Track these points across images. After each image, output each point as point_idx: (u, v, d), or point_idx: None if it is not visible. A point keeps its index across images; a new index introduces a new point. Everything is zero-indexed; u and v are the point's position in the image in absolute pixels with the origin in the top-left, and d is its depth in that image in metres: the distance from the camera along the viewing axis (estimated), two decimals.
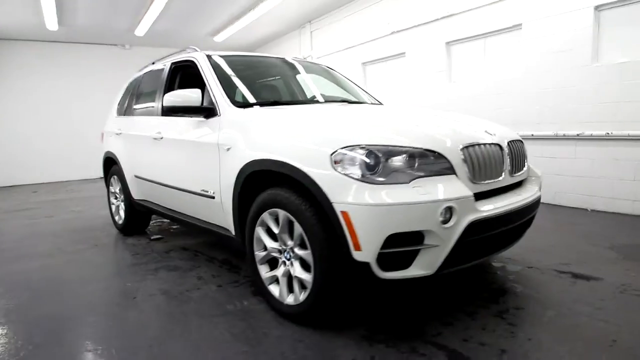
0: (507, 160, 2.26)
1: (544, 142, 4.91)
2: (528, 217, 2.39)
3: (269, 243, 2.30)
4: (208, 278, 2.92)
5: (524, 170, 2.48)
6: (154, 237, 4.11)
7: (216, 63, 3.06)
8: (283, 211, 2.13)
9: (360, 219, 1.81)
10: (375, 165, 1.86)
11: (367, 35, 7.47)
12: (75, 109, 9.81)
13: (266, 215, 2.26)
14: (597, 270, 2.82)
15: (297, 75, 3.68)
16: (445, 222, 1.84)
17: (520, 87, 5.15)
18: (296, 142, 2.10)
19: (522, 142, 2.56)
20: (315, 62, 4.10)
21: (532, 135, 4.94)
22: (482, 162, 2.09)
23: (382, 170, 1.86)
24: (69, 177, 9.77)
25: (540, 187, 2.58)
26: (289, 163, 2.03)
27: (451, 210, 1.85)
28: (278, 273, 2.27)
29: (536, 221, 2.59)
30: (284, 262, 2.24)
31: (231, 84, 2.91)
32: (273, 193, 2.19)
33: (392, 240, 1.81)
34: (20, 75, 9.32)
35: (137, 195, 3.90)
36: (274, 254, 2.30)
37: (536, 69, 4.97)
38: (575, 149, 4.71)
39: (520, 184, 2.47)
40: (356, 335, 2.05)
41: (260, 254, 2.37)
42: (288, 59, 3.64)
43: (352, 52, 7.91)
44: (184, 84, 3.42)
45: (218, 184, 2.62)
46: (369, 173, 1.86)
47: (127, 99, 4.30)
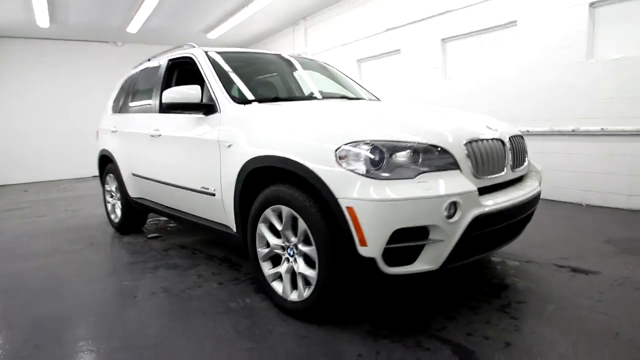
0: (509, 155, 2.28)
1: (539, 138, 4.95)
2: (529, 212, 2.41)
3: (272, 240, 2.29)
4: (208, 276, 2.90)
5: (524, 165, 2.50)
6: (151, 235, 4.08)
7: (215, 59, 3.03)
8: (287, 208, 2.12)
9: (366, 214, 1.80)
10: (380, 161, 1.86)
11: (362, 32, 7.46)
12: (67, 107, 9.68)
13: (269, 212, 2.25)
14: (595, 264, 2.85)
15: (294, 71, 3.67)
16: (450, 217, 1.84)
17: (516, 84, 5.19)
18: (300, 138, 2.09)
19: (523, 137, 2.57)
20: (311, 58, 4.08)
21: (527, 131, 4.96)
22: (485, 157, 2.09)
23: (387, 166, 1.86)
24: (61, 176, 9.64)
25: (540, 182, 2.60)
26: (293, 159, 2.02)
27: (456, 205, 1.85)
28: (281, 270, 2.26)
29: (533, 216, 2.61)
30: (287, 258, 2.24)
31: (230, 80, 2.89)
32: (276, 190, 2.18)
33: (397, 235, 1.81)
34: (10, 73, 9.18)
35: (134, 193, 3.87)
36: (276, 251, 2.29)
37: (531, 65, 5.00)
38: (570, 145, 4.75)
39: (520, 179, 2.49)
40: (361, 331, 2.05)
41: (262, 251, 2.35)
42: (285, 55, 3.63)
43: (346, 49, 7.89)
44: (182, 81, 3.38)
45: (219, 181, 2.60)
46: (374, 169, 1.86)
47: (123, 96, 4.25)
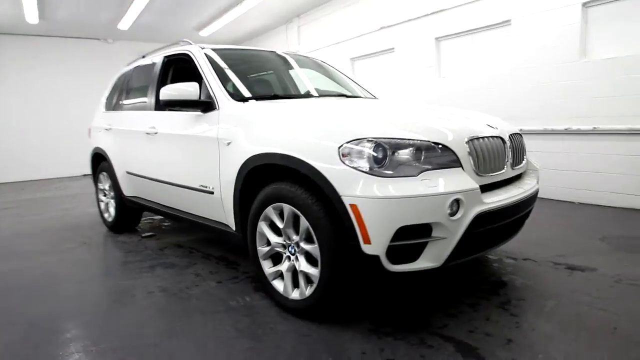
0: (509, 153, 2.29)
1: (532, 137, 4.97)
2: (528, 210, 2.43)
3: (273, 238, 2.28)
4: (206, 275, 2.88)
5: (523, 163, 2.52)
6: (145, 234, 4.04)
7: (211, 56, 3.01)
8: (288, 205, 2.11)
9: (370, 211, 1.80)
10: (383, 159, 1.86)
11: (356, 31, 7.46)
12: (57, 105, 9.53)
13: (270, 210, 2.23)
14: (591, 261, 2.88)
15: (291, 69, 3.65)
16: (452, 215, 1.85)
17: (510, 83, 5.22)
18: (302, 136, 2.07)
19: (522, 135, 2.59)
20: (307, 56, 4.07)
21: (520, 130, 4.96)
22: (486, 155, 2.11)
23: (390, 163, 1.86)
24: (52, 174, 9.50)
25: (538, 180, 2.62)
26: (295, 157, 2.01)
27: (458, 202, 1.86)
28: (282, 268, 2.25)
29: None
30: (288, 256, 2.23)
31: (228, 77, 2.86)
32: (277, 187, 2.17)
33: (401, 233, 1.81)
34: None
35: (128, 191, 3.82)
36: (277, 249, 2.27)
37: (525, 64, 5.04)
38: (562, 143, 4.80)
39: (519, 176, 2.51)
40: (363, 329, 2.04)
41: (263, 249, 2.34)
42: (282, 53, 3.61)
43: (340, 47, 7.88)
44: (178, 78, 3.34)
45: (217, 179, 2.58)
46: (377, 166, 1.85)
47: (117, 93, 4.19)
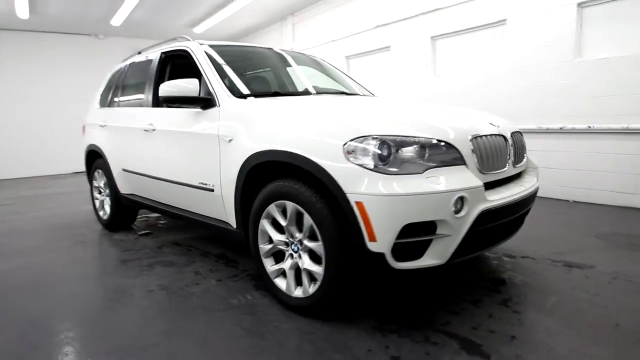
0: (511, 151, 2.30)
1: (527, 136, 4.90)
2: (528, 208, 2.45)
3: (275, 236, 2.26)
4: (206, 273, 2.85)
5: (524, 161, 2.53)
6: (141, 232, 3.99)
7: (210, 53, 2.98)
8: (292, 203, 2.10)
9: (376, 209, 1.80)
10: (388, 156, 1.85)
11: (351, 29, 7.45)
12: (46, 102, 9.37)
13: (272, 208, 2.22)
14: (589, 258, 2.92)
15: (290, 66, 3.62)
16: (457, 212, 1.85)
17: (505, 82, 5.26)
18: (306, 133, 2.06)
19: (522, 133, 2.61)
20: (305, 53, 4.05)
21: None
22: (489, 153, 2.11)
23: (395, 161, 1.85)
24: (42, 172, 9.36)
25: (538, 178, 2.64)
26: (300, 154, 2.00)
27: (463, 200, 1.86)
28: (285, 266, 2.23)
29: None
30: (290, 254, 2.21)
31: (228, 74, 2.83)
32: (280, 185, 2.16)
33: (406, 230, 1.81)
34: None
35: (124, 189, 3.77)
36: (280, 247, 2.26)
37: (520, 64, 5.08)
38: (557, 142, 4.85)
39: (519, 174, 2.52)
40: (367, 326, 2.04)
41: (265, 247, 2.33)
42: (280, 50, 3.59)
43: (335, 45, 7.87)
44: (175, 74, 3.31)
45: (218, 176, 2.56)
46: (382, 164, 1.85)
47: (112, 89, 4.14)
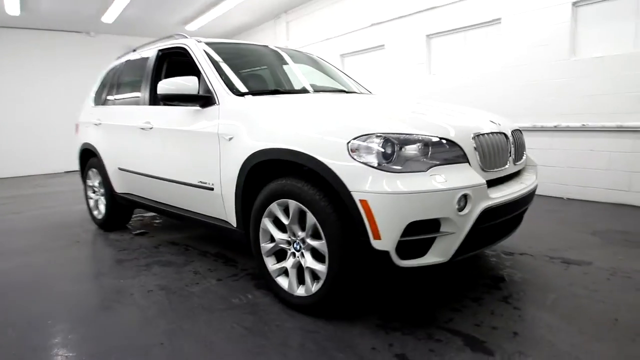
0: (512, 149, 2.32)
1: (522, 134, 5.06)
2: (528, 205, 2.47)
3: (277, 234, 2.25)
4: (205, 272, 2.83)
5: (523, 159, 2.55)
6: (137, 232, 3.96)
7: (208, 50, 2.95)
8: (294, 201, 2.09)
9: (381, 207, 1.79)
10: (392, 154, 1.85)
11: (346, 27, 7.45)
12: (36, 100, 9.25)
13: (274, 206, 2.21)
14: (586, 255, 2.95)
15: (288, 64, 3.60)
16: (460, 210, 1.86)
17: (500, 80, 5.29)
18: (309, 131, 2.05)
19: (521, 131, 2.62)
20: (302, 51, 4.03)
21: None
22: (491, 151, 2.12)
23: (398, 159, 1.85)
24: (32, 171, 9.24)
25: (537, 176, 2.66)
26: (303, 152, 1.99)
27: (466, 197, 1.87)
28: (287, 265, 2.22)
29: None
30: (293, 253, 2.21)
31: (228, 71, 2.81)
32: (282, 183, 2.15)
33: (411, 228, 1.81)
34: None
35: (120, 188, 3.73)
36: (282, 246, 2.25)
37: (515, 62, 5.11)
38: (552, 140, 4.90)
39: (518, 172, 2.54)
40: (370, 324, 2.04)
41: (266, 245, 2.31)
42: (278, 48, 3.57)
43: (330, 43, 7.86)
44: (172, 72, 3.29)
45: (218, 174, 2.54)
46: (385, 161, 1.85)
47: (107, 87, 4.09)
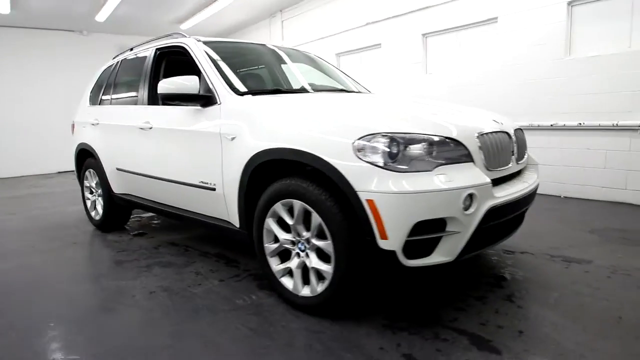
0: (515, 148, 2.33)
1: None
2: (530, 204, 2.48)
3: (281, 234, 2.24)
4: (207, 273, 2.81)
5: (525, 158, 2.56)
6: (135, 232, 3.93)
7: (208, 49, 2.93)
8: (299, 201, 2.07)
9: (387, 207, 1.79)
10: (398, 153, 1.85)
11: (342, 26, 7.44)
12: (28, 100, 9.13)
13: (279, 206, 2.19)
14: (585, 253, 2.97)
15: (287, 63, 3.59)
16: (466, 209, 1.86)
17: (497, 80, 5.31)
18: (314, 131, 2.04)
19: (522, 130, 2.63)
20: (299, 49, 4.01)
21: None
22: (495, 150, 2.13)
23: (405, 158, 1.85)
24: (24, 172, 9.12)
25: (538, 175, 2.67)
26: (309, 152, 1.98)
27: (472, 197, 1.87)
28: (292, 265, 2.21)
29: None
30: (297, 253, 2.20)
31: (229, 71, 2.79)
32: (287, 183, 2.13)
33: (417, 227, 1.81)
34: None
35: (118, 189, 3.70)
36: (286, 246, 2.24)
37: (512, 61, 5.14)
38: (548, 139, 4.93)
39: (519, 171, 2.55)
40: (376, 324, 2.04)
41: (270, 246, 2.30)
42: (277, 47, 3.55)
43: (325, 42, 7.84)
44: (171, 71, 3.26)
45: (220, 174, 2.52)
46: (391, 161, 1.85)
47: (103, 87, 4.04)
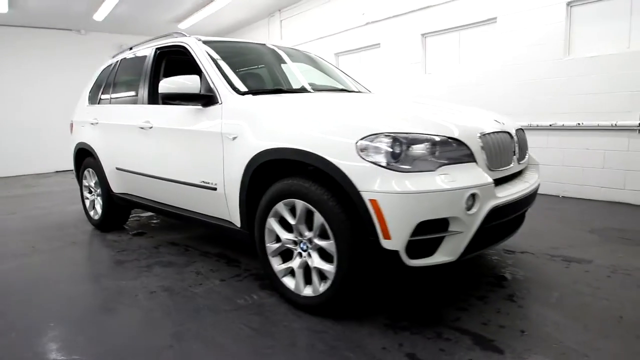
0: (517, 148, 2.33)
1: None
2: (531, 204, 2.48)
3: (283, 234, 2.24)
4: (207, 273, 2.81)
5: (526, 158, 2.57)
6: (134, 232, 3.92)
7: (209, 49, 2.92)
8: (301, 201, 2.07)
9: (390, 207, 1.79)
10: (401, 153, 1.85)
11: (341, 25, 7.44)
12: (25, 98, 9.08)
13: (281, 206, 2.19)
14: (585, 252, 2.98)
15: (287, 63, 3.59)
16: (469, 209, 1.86)
17: (496, 80, 5.32)
18: (317, 131, 2.04)
19: (523, 130, 2.64)
20: (299, 49, 4.01)
21: None
22: (497, 150, 2.13)
23: (407, 158, 1.85)
24: (21, 171, 9.08)
25: (539, 175, 2.68)
26: (312, 152, 1.97)
27: (474, 197, 1.88)
28: (294, 265, 2.21)
29: None
30: (299, 253, 2.20)
31: (230, 70, 2.78)
32: (289, 183, 2.13)
33: (420, 227, 1.81)
34: None
35: (118, 188, 3.68)
36: (288, 246, 2.24)
37: (511, 62, 5.15)
38: (547, 139, 4.94)
39: (521, 171, 2.55)
40: (378, 324, 2.04)
41: (272, 246, 2.30)
42: (274, 46, 3.54)
43: (324, 42, 7.84)
44: (171, 71, 3.25)
45: (221, 174, 2.52)
46: (394, 161, 1.85)
47: (102, 86, 4.03)
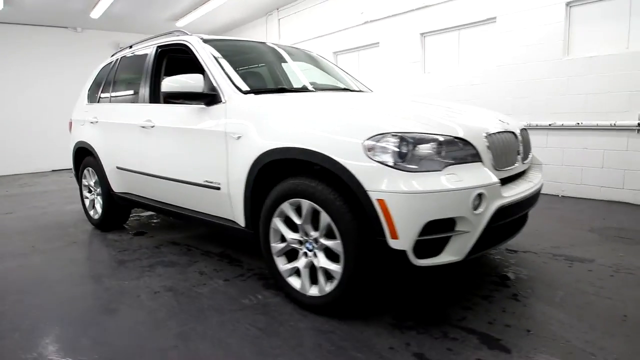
0: (521, 148, 2.34)
1: None
2: (535, 203, 2.49)
3: (288, 234, 2.23)
4: (210, 273, 2.80)
5: (530, 158, 2.57)
6: (135, 232, 3.90)
7: (211, 48, 2.91)
8: (307, 201, 2.07)
9: (398, 206, 1.79)
10: (408, 153, 1.85)
11: (339, 24, 7.43)
12: (21, 97, 9.00)
13: (286, 206, 2.19)
14: (587, 252, 2.99)
15: (286, 62, 3.57)
16: (475, 209, 1.87)
17: (495, 80, 5.34)
18: (323, 130, 2.03)
19: (527, 130, 2.65)
20: (300, 48, 4.00)
21: None
22: (502, 150, 2.14)
23: (414, 158, 1.85)
24: (17, 170, 9.01)
25: (542, 174, 2.69)
26: (318, 152, 1.97)
27: (481, 196, 1.88)
28: (299, 264, 2.21)
29: None
30: (305, 253, 2.19)
31: (232, 69, 2.77)
32: (295, 182, 2.13)
33: (427, 227, 1.82)
34: None
35: (118, 188, 3.66)
36: (293, 245, 2.23)
37: (510, 61, 5.16)
38: (546, 139, 4.96)
39: (524, 171, 2.56)
40: (385, 324, 2.04)
41: (277, 246, 2.29)
42: (275, 45, 3.52)
43: (323, 41, 7.82)
44: (172, 69, 3.24)
45: (225, 174, 2.51)
46: (401, 161, 1.85)
47: (102, 85, 4.00)
